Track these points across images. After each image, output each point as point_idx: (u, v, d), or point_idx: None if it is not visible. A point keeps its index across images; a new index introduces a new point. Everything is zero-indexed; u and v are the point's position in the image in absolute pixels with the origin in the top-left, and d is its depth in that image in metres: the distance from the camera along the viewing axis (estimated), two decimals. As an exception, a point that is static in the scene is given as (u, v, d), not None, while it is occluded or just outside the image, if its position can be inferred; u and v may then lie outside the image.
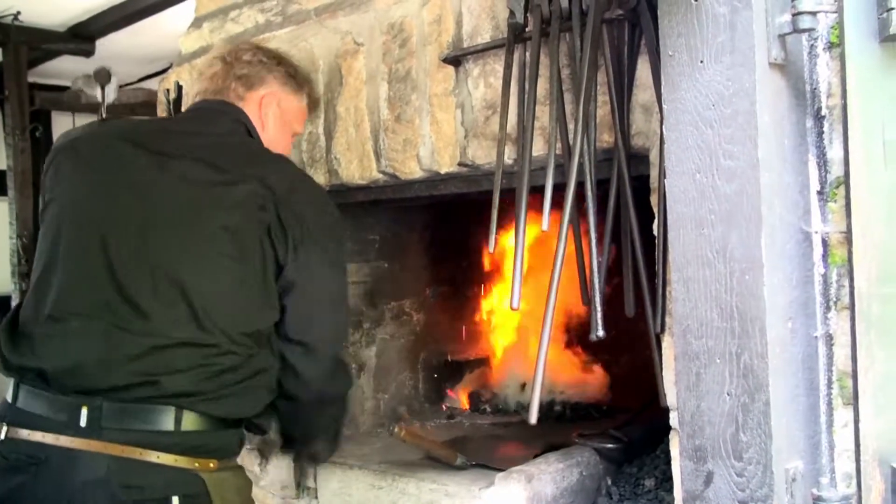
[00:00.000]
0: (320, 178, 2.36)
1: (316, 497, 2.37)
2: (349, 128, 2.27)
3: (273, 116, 1.83)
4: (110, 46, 5.48)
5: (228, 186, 1.59)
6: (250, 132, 1.79)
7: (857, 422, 1.20)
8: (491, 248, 1.77)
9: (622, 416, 2.47)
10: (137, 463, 1.44)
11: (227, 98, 1.79)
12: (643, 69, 1.67)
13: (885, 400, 1.20)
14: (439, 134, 2.06)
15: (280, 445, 2.23)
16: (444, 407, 3.02)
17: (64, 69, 5.94)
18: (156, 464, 1.44)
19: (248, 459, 2.42)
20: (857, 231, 1.19)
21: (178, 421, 1.47)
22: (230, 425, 1.59)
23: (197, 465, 1.48)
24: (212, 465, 1.50)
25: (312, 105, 2.02)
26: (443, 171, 2.08)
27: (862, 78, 1.19)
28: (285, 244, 1.60)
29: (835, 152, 1.26)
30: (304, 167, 2.40)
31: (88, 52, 5.58)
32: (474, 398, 3.06)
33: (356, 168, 2.26)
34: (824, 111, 1.26)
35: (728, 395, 1.24)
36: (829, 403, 1.26)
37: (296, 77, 1.91)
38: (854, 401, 1.21)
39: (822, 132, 1.27)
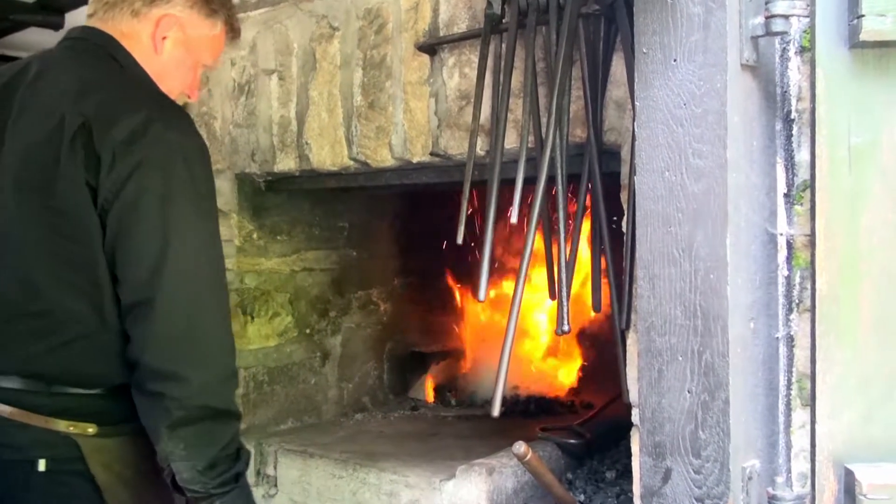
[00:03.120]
0: (290, 162, 2.33)
1: (275, 485, 2.35)
2: (321, 113, 2.24)
3: (174, 42, 1.61)
4: (80, 20, 5.35)
5: None
6: (119, 60, 1.58)
7: (813, 423, 1.21)
8: (459, 240, 1.77)
9: (585, 412, 2.48)
10: (7, 422, 1.40)
11: (119, 11, 1.61)
12: (618, 65, 1.68)
13: (841, 402, 1.21)
14: (412, 122, 2.05)
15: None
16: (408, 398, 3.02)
17: (31, 42, 5.78)
18: (24, 424, 1.40)
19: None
20: (819, 234, 1.20)
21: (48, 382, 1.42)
22: (111, 390, 1.47)
23: (72, 428, 1.41)
24: (90, 430, 1.42)
25: (233, 34, 1.74)
26: (414, 160, 2.07)
27: (831, 82, 1.20)
28: None
29: (803, 155, 1.27)
30: (273, 151, 2.37)
31: (57, 25, 5.42)
32: (440, 390, 3.06)
33: (327, 154, 2.24)
34: (794, 114, 1.27)
35: (689, 392, 1.24)
36: (788, 404, 1.28)
37: (211, 0, 1.66)
38: (812, 402, 1.22)
39: (791, 135, 1.27)
